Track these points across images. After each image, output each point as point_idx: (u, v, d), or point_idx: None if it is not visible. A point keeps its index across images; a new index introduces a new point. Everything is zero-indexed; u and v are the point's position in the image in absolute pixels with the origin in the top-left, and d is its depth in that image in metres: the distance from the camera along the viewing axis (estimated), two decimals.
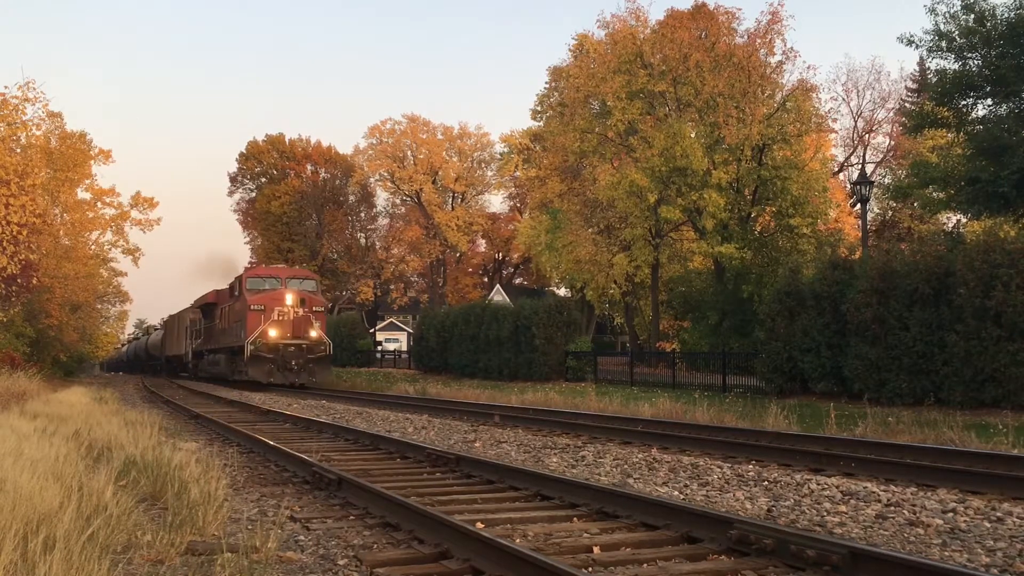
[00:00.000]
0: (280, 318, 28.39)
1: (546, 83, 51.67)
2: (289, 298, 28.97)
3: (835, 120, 40.44)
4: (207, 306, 36.90)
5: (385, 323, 71.33)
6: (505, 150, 59.53)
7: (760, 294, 25.53)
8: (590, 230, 37.50)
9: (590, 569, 4.66)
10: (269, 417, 16.25)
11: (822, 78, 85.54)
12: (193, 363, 40.46)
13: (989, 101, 21.36)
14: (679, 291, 34.73)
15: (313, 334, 28.76)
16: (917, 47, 21.99)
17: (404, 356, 46.95)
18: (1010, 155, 19.02)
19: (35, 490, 5.41)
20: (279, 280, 30.76)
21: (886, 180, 39.73)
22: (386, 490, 6.48)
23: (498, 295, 55.75)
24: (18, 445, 7.63)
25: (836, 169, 42.90)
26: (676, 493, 7.29)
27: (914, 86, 44.88)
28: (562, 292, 49.85)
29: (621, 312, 49.74)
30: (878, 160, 44.16)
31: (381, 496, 6.31)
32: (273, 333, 28.01)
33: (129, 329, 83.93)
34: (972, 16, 20.37)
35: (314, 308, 29.81)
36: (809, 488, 7.14)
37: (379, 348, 54.40)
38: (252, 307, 28.53)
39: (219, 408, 19.44)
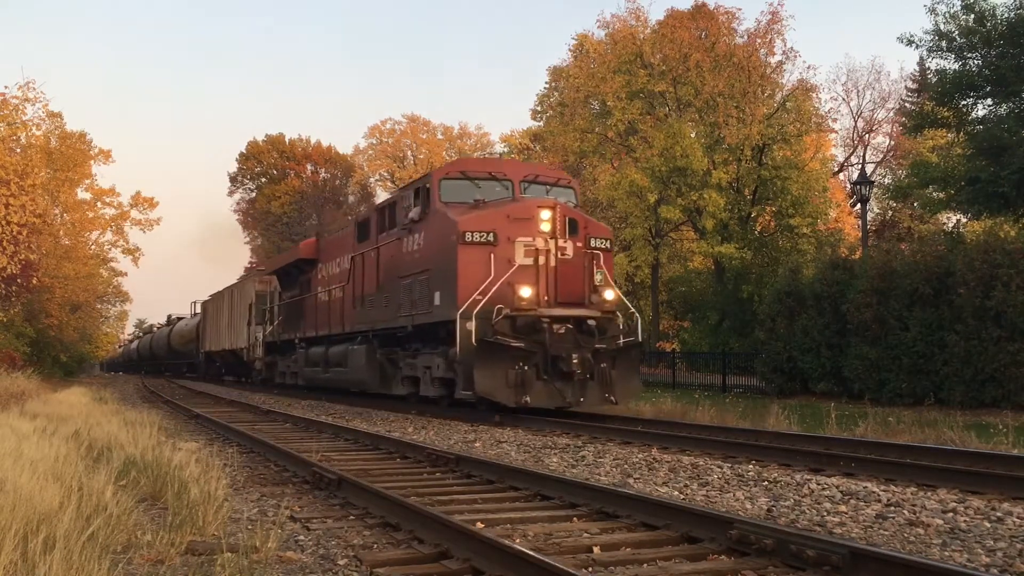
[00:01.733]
0: (531, 261, 13.21)
1: (546, 83, 51.76)
2: (545, 218, 13.29)
3: (835, 120, 40.53)
4: (297, 266, 22.86)
5: None
6: (505, 150, 59.54)
7: (760, 294, 25.56)
8: None
9: (590, 569, 4.66)
10: (269, 417, 16.25)
11: (822, 78, 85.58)
12: (265, 362, 26.52)
13: (989, 101, 21.37)
14: (679, 291, 34.82)
15: (608, 295, 13.54)
16: (917, 47, 22.03)
17: None
18: (1010, 155, 19.02)
19: (35, 490, 5.41)
20: (507, 185, 14.55)
21: (886, 180, 39.76)
22: (386, 490, 6.48)
23: None
24: (18, 445, 7.63)
25: (836, 169, 42.90)
26: (676, 493, 7.28)
27: (914, 86, 44.86)
28: None
29: None
30: (878, 160, 44.18)
31: (381, 496, 6.30)
32: (527, 293, 12.81)
33: (129, 329, 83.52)
34: (972, 16, 20.37)
35: (592, 241, 13.92)
36: (809, 488, 7.13)
37: None
38: (468, 237, 13.21)
39: (219, 408, 19.43)
